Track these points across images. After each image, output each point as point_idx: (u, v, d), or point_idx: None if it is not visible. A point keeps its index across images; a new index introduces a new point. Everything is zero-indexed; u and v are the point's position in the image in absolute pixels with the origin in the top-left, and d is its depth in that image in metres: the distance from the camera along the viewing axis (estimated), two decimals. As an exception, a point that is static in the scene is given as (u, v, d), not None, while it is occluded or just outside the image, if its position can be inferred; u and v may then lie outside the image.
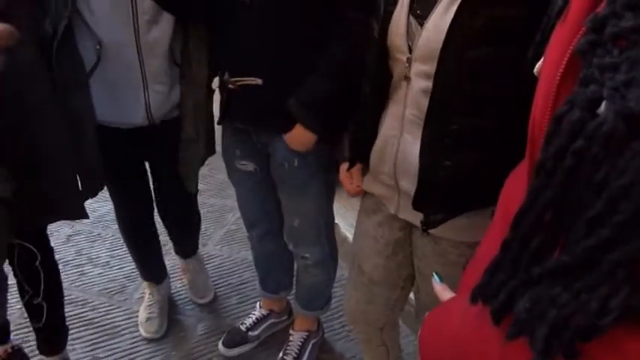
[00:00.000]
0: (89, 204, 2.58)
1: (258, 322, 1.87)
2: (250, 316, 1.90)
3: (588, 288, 0.37)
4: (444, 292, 0.70)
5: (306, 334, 1.80)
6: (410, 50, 0.95)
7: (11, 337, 1.62)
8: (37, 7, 1.22)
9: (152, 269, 1.95)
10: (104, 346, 1.81)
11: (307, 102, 1.23)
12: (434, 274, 0.75)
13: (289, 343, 1.79)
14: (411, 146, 1.01)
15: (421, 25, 0.93)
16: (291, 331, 1.82)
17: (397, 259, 1.20)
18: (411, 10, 0.95)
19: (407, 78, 0.97)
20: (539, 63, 0.50)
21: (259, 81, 1.25)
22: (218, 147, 1.62)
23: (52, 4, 1.24)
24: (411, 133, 1.01)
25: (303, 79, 1.23)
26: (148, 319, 1.89)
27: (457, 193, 0.97)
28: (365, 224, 1.24)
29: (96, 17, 1.31)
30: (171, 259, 2.22)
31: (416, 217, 1.08)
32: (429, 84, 0.93)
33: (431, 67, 0.92)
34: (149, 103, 1.41)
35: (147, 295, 1.95)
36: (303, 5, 1.19)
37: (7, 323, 1.54)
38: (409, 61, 0.96)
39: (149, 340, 1.85)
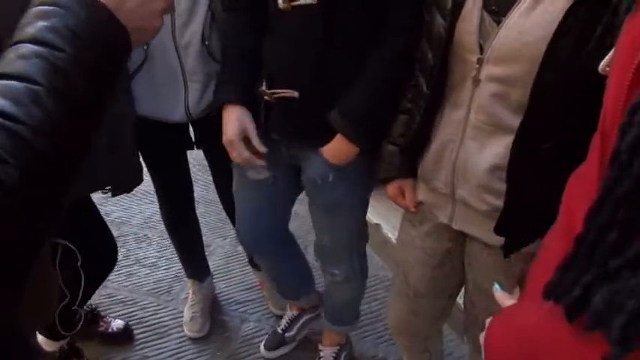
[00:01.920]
0: (136, 205, 2.68)
1: (292, 322, 1.84)
2: (284, 317, 1.87)
3: None
4: (506, 300, 0.67)
5: (337, 347, 1.73)
6: (481, 50, 0.87)
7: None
8: None
9: (193, 265, 1.95)
10: (152, 346, 1.82)
11: (350, 113, 1.12)
12: (495, 283, 0.71)
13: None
14: (475, 154, 0.94)
15: (497, 22, 0.84)
16: (320, 347, 1.75)
17: (445, 269, 1.14)
18: (485, 5, 0.85)
19: (476, 80, 0.89)
20: (607, 58, 0.47)
21: (296, 94, 1.15)
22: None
23: None
24: (476, 139, 0.94)
25: (344, 91, 1.13)
26: (191, 318, 1.89)
27: (546, 214, 0.87)
28: (410, 234, 1.17)
29: None
30: (215, 260, 2.25)
31: (474, 228, 1.01)
32: (501, 88, 0.86)
33: (506, 70, 0.84)
34: (187, 101, 1.45)
35: (190, 295, 1.95)
36: (349, 12, 1.10)
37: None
38: (479, 62, 0.87)
39: (195, 340, 1.84)
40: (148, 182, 1.73)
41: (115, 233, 2.42)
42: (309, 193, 1.36)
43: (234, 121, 1.20)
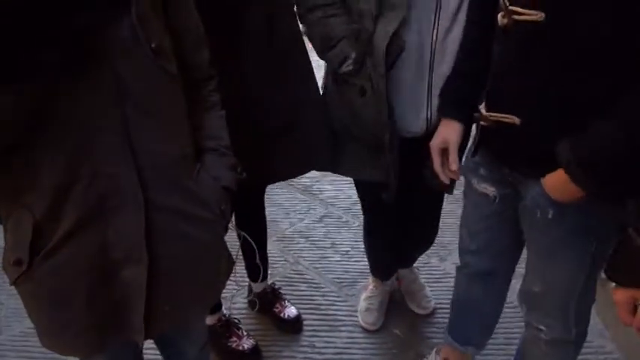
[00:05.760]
0: (347, 188, 2.71)
1: None
2: (425, 357, 1.66)
3: None
4: None
5: None
6: None
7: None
8: None
9: (380, 267, 1.88)
10: (322, 336, 1.80)
11: (584, 155, 0.89)
12: None
13: None
14: None
15: None
16: None
17: None
18: None
19: None
20: None
21: (516, 120, 0.98)
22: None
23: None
24: None
25: (582, 123, 0.88)
26: (367, 309, 1.86)
27: None
28: None
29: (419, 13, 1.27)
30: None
31: None
32: None
33: None
34: (430, 113, 1.34)
35: (370, 287, 1.90)
36: (590, 29, 0.84)
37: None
38: None
39: (362, 344, 1.77)
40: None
41: (320, 212, 2.54)
42: (525, 225, 1.14)
43: (441, 131, 1.21)
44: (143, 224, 0.83)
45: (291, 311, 1.85)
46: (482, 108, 1.08)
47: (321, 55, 1.40)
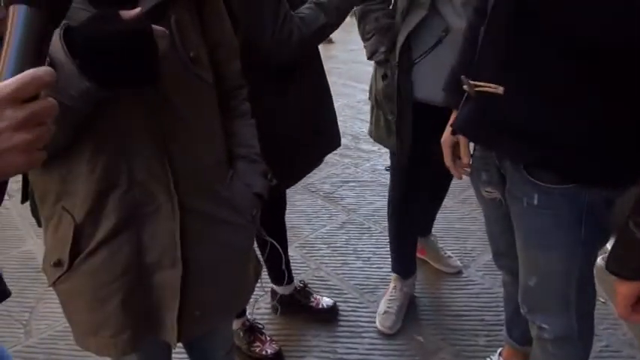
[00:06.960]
0: (369, 195, 2.72)
1: None
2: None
3: None
4: None
5: None
6: None
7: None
8: None
9: (403, 260, 1.92)
10: (344, 342, 1.80)
11: None
12: None
13: None
14: None
15: None
16: None
17: None
18: None
19: None
20: None
21: (500, 89, 0.94)
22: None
23: None
24: None
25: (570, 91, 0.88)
26: (385, 312, 1.86)
27: None
28: None
29: (454, 6, 1.41)
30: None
31: None
32: None
33: None
34: None
35: (391, 289, 1.91)
36: None
37: None
38: None
39: (384, 350, 1.76)
40: (385, 174, 1.72)
41: (342, 219, 2.54)
42: (514, 214, 1.11)
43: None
44: (178, 229, 0.86)
45: (326, 301, 1.92)
46: (464, 76, 1.06)
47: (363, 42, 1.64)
